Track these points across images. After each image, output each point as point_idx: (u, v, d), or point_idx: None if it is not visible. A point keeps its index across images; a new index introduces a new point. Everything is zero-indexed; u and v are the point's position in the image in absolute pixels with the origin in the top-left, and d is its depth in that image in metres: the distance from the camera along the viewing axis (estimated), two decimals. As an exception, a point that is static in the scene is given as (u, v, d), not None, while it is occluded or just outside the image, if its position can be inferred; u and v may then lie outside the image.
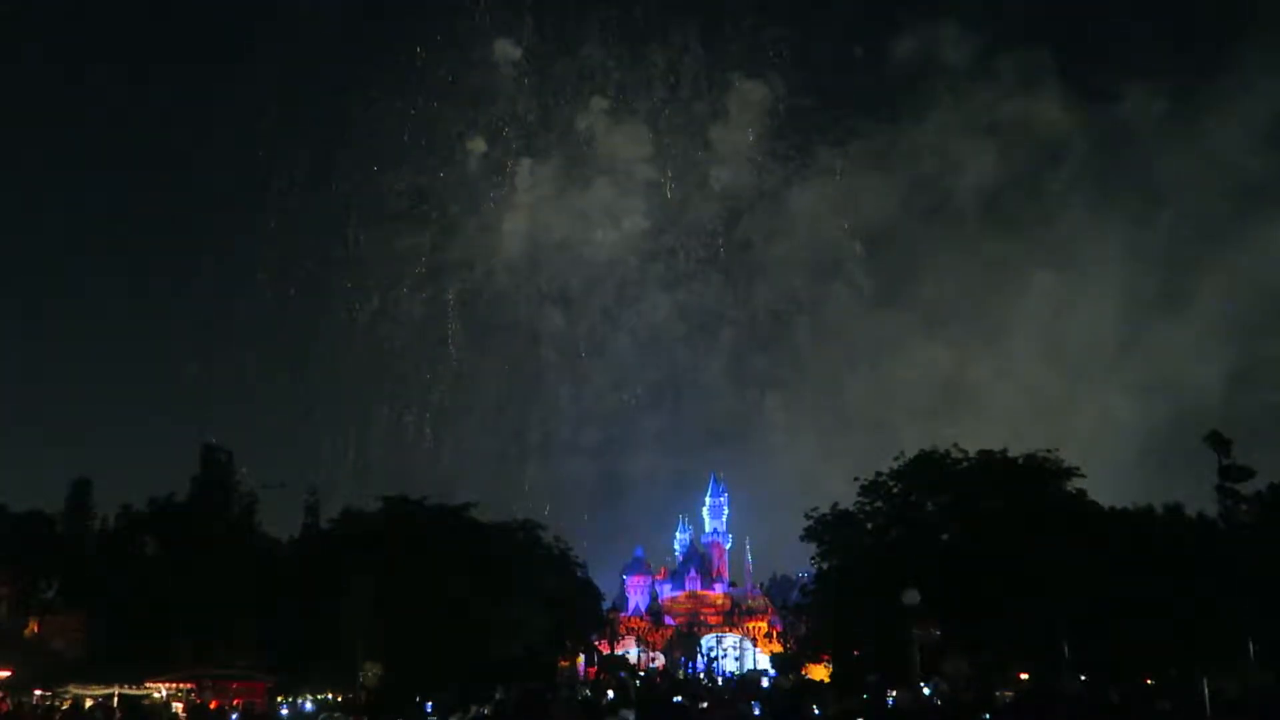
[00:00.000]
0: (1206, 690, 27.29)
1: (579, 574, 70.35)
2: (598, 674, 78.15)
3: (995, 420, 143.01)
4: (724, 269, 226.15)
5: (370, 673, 35.41)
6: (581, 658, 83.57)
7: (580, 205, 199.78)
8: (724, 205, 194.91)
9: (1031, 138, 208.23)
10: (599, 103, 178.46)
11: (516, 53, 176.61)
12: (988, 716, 24.51)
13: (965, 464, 45.03)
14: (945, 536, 44.75)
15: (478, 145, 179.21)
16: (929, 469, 45.52)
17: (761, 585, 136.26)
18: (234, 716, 29.12)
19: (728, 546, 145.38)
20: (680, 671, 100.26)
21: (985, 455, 44.87)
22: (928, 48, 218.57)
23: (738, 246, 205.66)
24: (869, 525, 46.84)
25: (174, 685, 38.89)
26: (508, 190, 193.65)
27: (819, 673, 60.20)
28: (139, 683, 38.68)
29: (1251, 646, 31.38)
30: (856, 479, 47.06)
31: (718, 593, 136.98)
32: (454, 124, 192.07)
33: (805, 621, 62.36)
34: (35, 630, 46.46)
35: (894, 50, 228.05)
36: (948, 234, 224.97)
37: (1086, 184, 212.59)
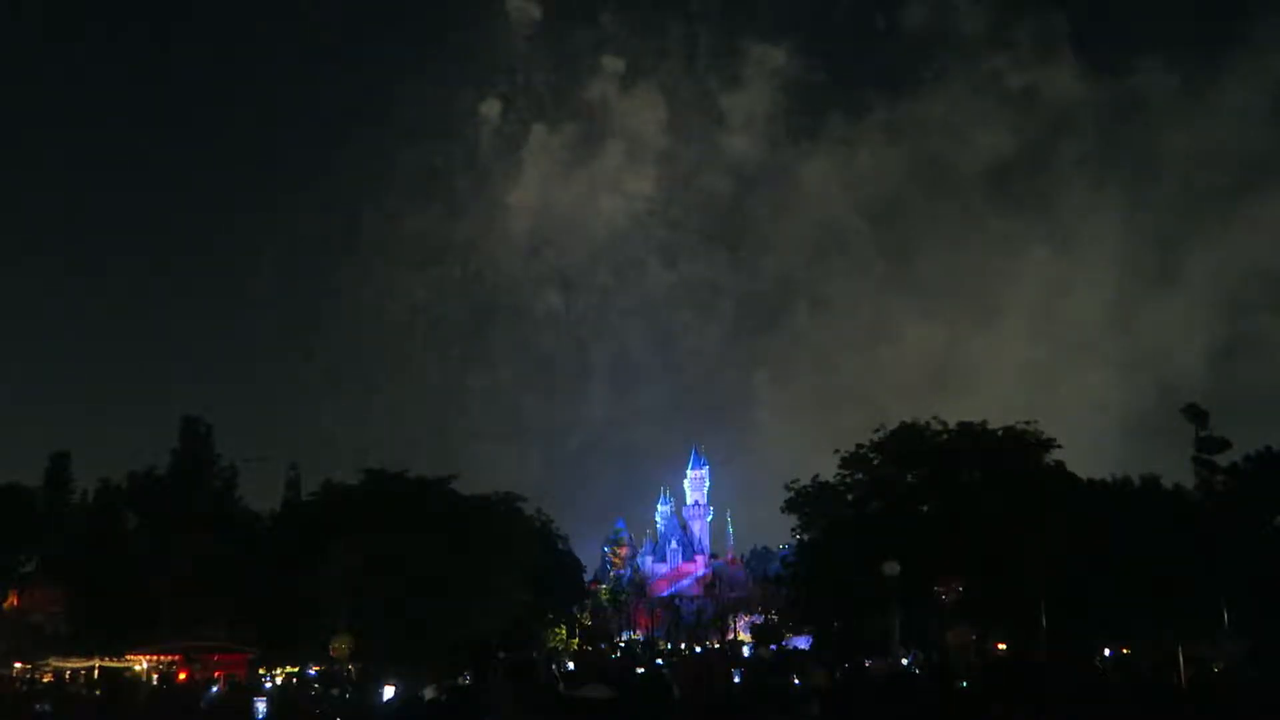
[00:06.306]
0: (1182, 659, 27.63)
1: (561, 546, 70.42)
2: (580, 646, 78.50)
3: (985, 396, 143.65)
4: (729, 243, 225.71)
5: (342, 645, 35.39)
6: (564, 629, 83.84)
7: (590, 174, 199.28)
8: (733, 177, 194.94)
9: (1041, 109, 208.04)
10: (613, 64, 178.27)
11: (536, 11, 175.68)
12: (965, 684, 24.73)
13: (945, 436, 45.20)
14: (925, 508, 44.95)
15: (492, 108, 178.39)
16: (909, 441, 45.61)
17: (742, 557, 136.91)
18: (213, 689, 29.13)
19: (708, 519, 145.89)
20: (663, 642, 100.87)
21: (965, 427, 45.04)
22: (943, 15, 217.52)
23: (744, 220, 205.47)
24: (849, 497, 46.99)
25: (155, 658, 38.85)
26: (517, 163, 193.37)
27: (799, 643, 60.67)
28: (120, 655, 38.65)
29: (1226, 615, 31.71)
30: (837, 451, 47.21)
31: (699, 564, 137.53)
32: (469, 93, 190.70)
33: (785, 593, 62.64)
34: (15, 604, 46.26)
35: (909, 18, 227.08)
36: (952, 209, 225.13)
37: (1090, 160, 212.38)
